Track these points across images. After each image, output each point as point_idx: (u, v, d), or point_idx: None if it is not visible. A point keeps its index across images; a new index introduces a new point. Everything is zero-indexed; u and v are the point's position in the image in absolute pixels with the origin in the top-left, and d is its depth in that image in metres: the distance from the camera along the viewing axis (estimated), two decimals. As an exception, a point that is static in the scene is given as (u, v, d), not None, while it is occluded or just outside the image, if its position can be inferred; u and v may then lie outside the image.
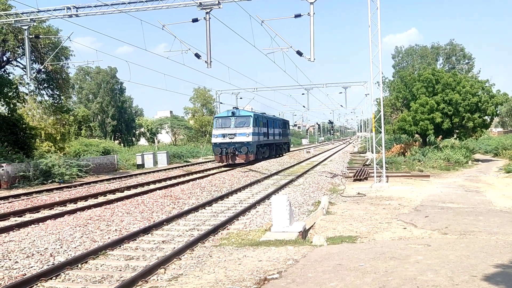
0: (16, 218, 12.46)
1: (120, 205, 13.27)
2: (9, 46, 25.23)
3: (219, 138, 29.37)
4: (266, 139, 33.74)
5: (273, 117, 38.98)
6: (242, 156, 28.63)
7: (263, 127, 32.55)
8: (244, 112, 31.60)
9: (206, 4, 17.60)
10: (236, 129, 29.24)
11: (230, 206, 13.63)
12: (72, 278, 6.89)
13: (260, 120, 31.91)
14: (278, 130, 38.69)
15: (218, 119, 30.72)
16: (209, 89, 72.52)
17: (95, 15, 18.98)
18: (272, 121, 36.63)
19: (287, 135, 43.76)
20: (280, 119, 41.89)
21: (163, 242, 9.07)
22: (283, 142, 41.12)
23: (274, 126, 37.18)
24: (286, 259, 7.18)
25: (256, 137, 30.14)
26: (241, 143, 28.79)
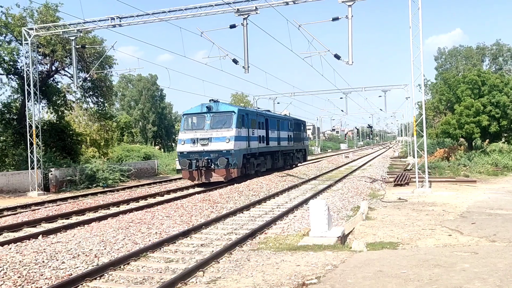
0: (64, 220, 13.00)
1: (160, 209, 13.55)
2: (58, 56, 26.44)
3: (187, 144, 20.68)
4: (264, 146, 24.31)
5: (277, 116, 29.68)
6: (220, 171, 20.05)
7: (256, 129, 23.33)
8: (226, 106, 21.69)
9: (244, 10, 17.77)
10: (212, 131, 20.45)
11: (268, 211, 13.62)
12: (115, 278, 7.09)
13: (250, 119, 22.52)
14: (287, 133, 29.30)
15: (188, 117, 21.56)
16: (247, 95, 73.03)
17: (137, 24, 19.62)
18: (275, 121, 27.22)
19: (301, 139, 33.27)
20: (290, 119, 31.80)
21: (201, 246, 9.17)
22: (295, 149, 31.20)
23: (280, 127, 27.86)
24: (324, 264, 7.07)
25: (243, 143, 21.14)
26: (218, 152, 20.05)
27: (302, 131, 33.84)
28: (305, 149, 34.87)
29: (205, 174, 20.24)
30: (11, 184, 22.70)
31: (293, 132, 30.70)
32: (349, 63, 18.09)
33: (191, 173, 20.37)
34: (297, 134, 32.11)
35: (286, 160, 29.35)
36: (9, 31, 25.63)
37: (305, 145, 35.14)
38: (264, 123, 24.97)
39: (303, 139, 34.37)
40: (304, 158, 34.68)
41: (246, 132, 21.64)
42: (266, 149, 24.96)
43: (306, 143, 35.58)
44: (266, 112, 27.16)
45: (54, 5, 26.51)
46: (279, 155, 27.69)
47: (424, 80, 35.41)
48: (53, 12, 26.12)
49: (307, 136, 37.04)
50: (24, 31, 22.07)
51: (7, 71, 26.75)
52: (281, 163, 28.30)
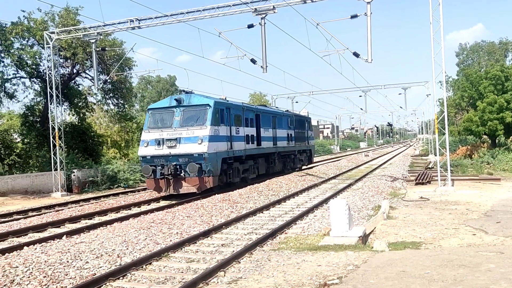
0: (87, 220, 13.23)
1: (180, 209, 13.66)
2: (79, 59, 26.95)
3: (151, 147, 16.89)
4: (254, 147, 20.59)
5: (273, 111, 25.02)
6: (191, 180, 16.21)
7: (243, 127, 19.50)
8: (199, 98, 17.51)
9: (261, 10, 17.76)
10: (182, 129, 16.65)
11: (288, 210, 13.58)
12: (137, 278, 7.17)
13: (233, 114, 18.68)
14: (286, 132, 25.43)
15: (153, 112, 17.79)
16: (265, 94, 73.03)
17: (156, 26, 19.81)
18: (270, 117, 23.21)
19: (305, 138, 29.43)
20: (290, 115, 27.17)
21: (222, 246, 9.20)
22: (297, 150, 27.37)
23: (277, 125, 23.96)
24: (346, 264, 7.01)
25: (222, 144, 17.26)
26: (188, 156, 16.27)
27: (306, 129, 29.85)
28: (310, 150, 30.68)
29: (173, 184, 16.36)
30: (35, 185, 23.24)
31: (294, 131, 26.87)
32: (368, 60, 17.89)
33: (157, 183, 16.59)
34: (300, 133, 28.30)
35: (285, 163, 25.74)
36: (31, 35, 26.24)
37: (310, 145, 30.87)
38: (254, 119, 20.92)
39: (308, 138, 30.21)
40: (309, 159, 30.67)
41: (226, 131, 17.67)
42: (257, 151, 21.00)
43: (311, 143, 31.32)
44: (256, 106, 22.97)
45: (74, 9, 27.04)
46: (276, 158, 23.74)
47: (446, 76, 34.80)
48: (73, 16, 26.63)
49: (312, 135, 32.28)
50: (46, 35, 22.54)
51: (30, 74, 27.40)
52: (279, 166, 24.51)
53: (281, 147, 24.52)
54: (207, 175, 16.29)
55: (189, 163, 16.15)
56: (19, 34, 25.73)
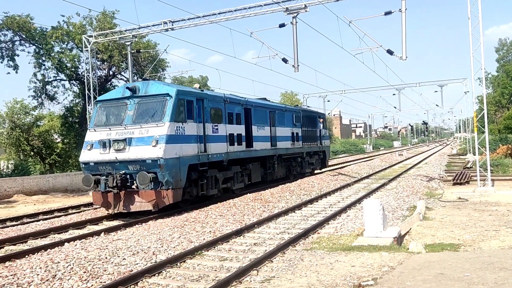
0: (123, 218, 13.59)
1: (213, 208, 13.80)
2: (115, 61, 27.74)
3: (95, 150, 13.33)
4: (241, 149, 16.86)
5: (270, 105, 20.64)
6: (145, 194, 12.65)
7: (224, 123, 15.75)
8: (158, 86, 13.79)
9: (293, 9, 17.70)
10: (134, 127, 13.04)
11: (320, 210, 13.49)
12: (172, 275, 7.30)
13: (209, 108, 14.85)
14: (290, 131, 21.68)
15: (102, 105, 14.23)
16: (296, 93, 72.69)
17: (189, 27, 20.11)
18: (265, 113, 19.40)
19: (316, 138, 25.59)
20: (295, 110, 23.21)
21: (254, 245, 9.24)
22: (305, 152, 23.46)
23: (277, 122, 20.20)
24: (380, 265, 6.90)
25: (189, 146, 13.54)
26: (139, 163, 12.71)
27: (317, 127, 25.84)
28: (324, 152, 26.57)
29: (124, 199, 12.75)
30: (75, 183, 24.09)
31: (301, 129, 22.94)
32: (402, 58, 17.52)
33: (105, 197, 12.95)
34: (310, 132, 24.31)
35: (290, 168, 22.07)
36: (70, 39, 27.22)
37: (324, 146, 26.65)
38: (242, 115, 17.08)
39: (321, 138, 26.12)
40: (322, 163, 26.70)
41: (197, 129, 13.93)
42: (247, 154, 17.19)
43: (325, 143, 27.02)
44: (247, 99, 18.39)
45: (111, 13, 27.85)
46: (275, 162, 19.93)
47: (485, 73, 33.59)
48: (110, 19, 27.43)
49: (327, 134, 28.07)
50: (84, 39, 23.30)
51: (69, 77, 28.44)
52: (281, 172, 20.91)
53: (283, 149, 20.72)
54: (165, 187, 12.51)
55: (140, 172, 12.38)
56: (59, 38, 26.74)
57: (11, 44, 27.44)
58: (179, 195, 13.01)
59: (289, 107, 23.15)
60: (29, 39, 27.34)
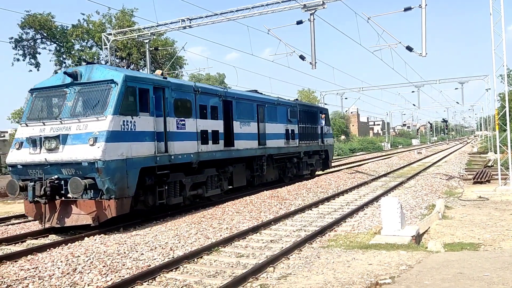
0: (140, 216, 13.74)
1: (230, 205, 13.87)
2: (133, 59, 28.07)
3: (24, 150, 11.02)
4: (217, 149, 14.39)
5: (258, 97, 17.85)
6: (84, 205, 10.34)
7: (195, 118, 13.34)
8: (103, 71, 11.16)
9: (311, 6, 17.61)
10: (71, 122, 10.68)
11: (337, 208, 13.43)
12: (189, 271, 7.38)
13: (171, 98, 12.38)
14: (283, 127, 19.11)
15: (38, 95, 11.77)
16: (314, 91, 72.37)
17: (206, 25, 20.19)
18: (252, 106, 16.81)
19: (317, 136, 22.77)
20: (291, 104, 20.46)
21: (271, 242, 9.26)
22: (302, 151, 20.84)
23: (266, 117, 17.64)
24: (398, 264, 6.84)
25: (141, 145, 11.17)
26: (74, 166, 10.32)
27: (318, 124, 23.02)
28: (326, 151, 23.81)
29: (59, 211, 10.40)
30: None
31: (298, 125, 20.40)
32: (422, 54, 17.27)
33: (38, 208, 10.54)
34: (309, 128, 21.70)
35: (284, 169, 19.78)
36: (90, 37, 27.63)
37: (326, 145, 23.81)
38: (220, 108, 14.54)
39: (322, 136, 23.34)
40: (324, 163, 23.95)
41: (154, 124, 11.39)
42: (226, 154, 14.72)
43: (328, 141, 24.20)
44: (227, 89, 15.86)
45: (130, 11, 28.15)
46: (265, 163, 17.39)
47: (507, 70, 32.89)
48: (129, 17, 27.75)
49: (330, 131, 25.06)
50: (103, 37, 23.62)
51: (89, 74, 28.85)
52: (273, 175, 18.65)
53: (274, 148, 18.12)
54: (107, 196, 10.14)
55: (71, 178, 9.96)
56: (79, 36, 27.19)
57: (32, 42, 28.01)
58: (126, 205, 10.53)
59: (282, 101, 19.85)
60: (50, 37, 27.86)
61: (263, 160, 17.38)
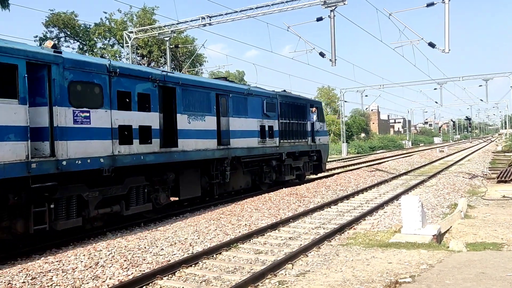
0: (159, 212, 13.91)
1: (249, 202, 13.92)
2: (154, 56, 28.40)
3: None
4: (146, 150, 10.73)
5: (214, 83, 14.30)
6: None
7: (104, 108, 9.70)
8: None
9: (331, 2, 17.48)
10: None
11: (356, 206, 13.33)
12: (208, 267, 7.45)
13: (64, 80, 8.81)
14: (256, 123, 15.66)
15: None
16: (333, 88, 71.87)
17: (226, 22, 20.28)
18: (205, 94, 13.07)
19: (305, 134, 19.09)
20: (268, 94, 16.74)
21: (289, 239, 9.26)
22: (285, 152, 17.19)
23: (228, 109, 14.24)
24: (419, 263, 6.76)
25: None
26: None
27: (306, 119, 19.28)
28: (318, 152, 20.17)
29: None
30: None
31: (278, 121, 16.80)
32: (445, 51, 16.97)
33: None
34: (293, 125, 17.99)
35: (261, 174, 16.30)
36: (112, 35, 28.06)
37: (318, 144, 20.11)
38: (153, 96, 11.05)
39: (313, 134, 19.73)
40: (316, 167, 20.31)
41: (25, 116, 8.04)
42: (163, 157, 11.22)
43: (321, 140, 20.50)
44: (164, 72, 11.87)
45: (151, 9, 28.46)
46: (228, 168, 13.91)
47: (533, 66, 32.01)
48: (150, 16, 28.07)
49: (323, 128, 21.10)
50: (125, 35, 23.95)
51: (110, 72, 29.33)
52: (241, 181, 15.29)
53: (243, 149, 14.67)
54: None
55: None
56: (101, 34, 27.65)
57: (56, 40, 28.59)
58: None
59: (256, 90, 16.22)
60: (74, 35, 28.42)
61: (225, 163, 13.87)
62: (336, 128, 54.08)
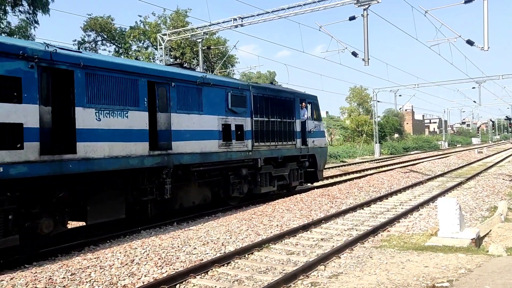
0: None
1: (280, 202, 13.90)
2: (186, 58, 28.82)
3: None
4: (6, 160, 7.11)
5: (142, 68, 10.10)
6: None
7: None
8: None
9: (364, 1, 17.23)
10: None
11: (390, 208, 13.07)
12: (240, 266, 7.49)
13: None
14: (217, 121, 12.21)
15: None
16: (366, 88, 70.77)
17: (258, 23, 20.32)
18: (128, 82, 9.42)
19: (293, 135, 15.50)
20: (235, 85, 13.25)
21: (321, 240, 9.18)
22: (260, 158, 13.88)
23: (167, 103, 10.56)
24: (456, 267, 6.56)
25: None
26: None
27: (293, 116, 15.56)
28: (312, 155, 16.68)
29: None
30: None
31: (250, 119, 13.51)
32: (484, 48, 16.39)
33: None
34: (273, 123, 14.48)
35: (227, 186, 12.90)
36: (146, 37, 28.68)
37: (311, 147, 16.47)
38: (27, 82, 7.64)
39: (304, 134, 16.18)
40: (310, 174, 16.87)
41: None
42: (42, 169, 7.82)
43: (315, 143, 16.77)
44: (52, 49, 8.12)
45: (184, 11, 28.91)
46: (168, 180, 10.62)
47: None
48: (183, 18, 28.51)
49: (319, 127, 17.32)
50: (159, 37, 24.42)
51: (144, 74, 29.98)
52: (195, 197, 12.01)
53: (193, 155, 11.24)
54: None
55: None
56: (136, 37, 28.30)
57: (94, 44, 29.52)
58: None
59: (213, 79, 12.52)
60: (110, 39, 29.24)
61: (164, 174, 10.46)
62: (369, 128, 53.22)
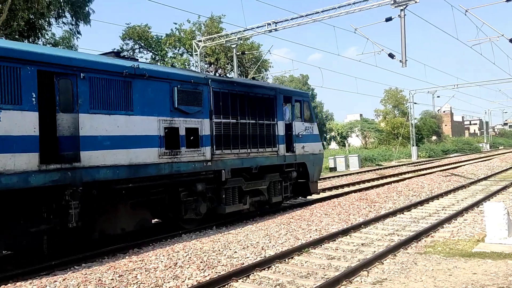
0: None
1: (317, 206, 13.80)
2: (221, 64, 29.20)
3: None
4: None
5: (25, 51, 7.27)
6: None
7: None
8: None
9: (401, 1, 16.92)
10: None
11: (432, 213, 12.72)
12: (281, 271, 7.49)
13: None
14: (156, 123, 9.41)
15: None
16: (401, 89, 69.33)
17: (291, 27, 20.34)
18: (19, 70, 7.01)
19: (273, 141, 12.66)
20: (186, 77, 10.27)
21: (362, 245, 9.06)
22: (227, 170, 11.14)
23: (74, 101, 7.93)
24: (506, 274, 6.32)
25: None
26: None
27: (274, 117, 12.83)
28: (303, 164, 14.11)
29: None
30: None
31: (209, 120, 10.75)
32: (529, 46, 15.73)
33: None
34: (244, 126, 11.77)
35: (177, 207, 10.41)
36: (181, 44, 29.25)
37: (299, 154, 13.83)
38: None
39: (291, 139, 13.61)
40: (300, 187, 14.43)
41: None
42: None
43: (305, 149, 14.05)
44: None
45: (218, 17, 29.31)
46: (73, 203, 7.83)
47: None
48: (217, 24, 28.91)
49: (311, 130, 14.48)
50: (194, 44, 24.85)
51: (180, 80, 30.58)
52: (121, 224, 9.24)
53: (116, 168, 8.59)
54: None
55: None
56: (171, 44, 28.92)
57: (132, 52, 30.37)
58: None
59: (151, 69, 9.69)
60: (147, 46, 30.02)
61: (66, 196, 7.85)
62: (405, 131, 52.05)
